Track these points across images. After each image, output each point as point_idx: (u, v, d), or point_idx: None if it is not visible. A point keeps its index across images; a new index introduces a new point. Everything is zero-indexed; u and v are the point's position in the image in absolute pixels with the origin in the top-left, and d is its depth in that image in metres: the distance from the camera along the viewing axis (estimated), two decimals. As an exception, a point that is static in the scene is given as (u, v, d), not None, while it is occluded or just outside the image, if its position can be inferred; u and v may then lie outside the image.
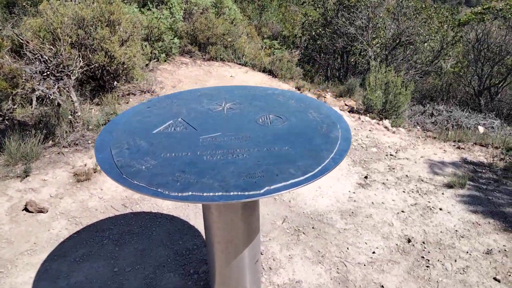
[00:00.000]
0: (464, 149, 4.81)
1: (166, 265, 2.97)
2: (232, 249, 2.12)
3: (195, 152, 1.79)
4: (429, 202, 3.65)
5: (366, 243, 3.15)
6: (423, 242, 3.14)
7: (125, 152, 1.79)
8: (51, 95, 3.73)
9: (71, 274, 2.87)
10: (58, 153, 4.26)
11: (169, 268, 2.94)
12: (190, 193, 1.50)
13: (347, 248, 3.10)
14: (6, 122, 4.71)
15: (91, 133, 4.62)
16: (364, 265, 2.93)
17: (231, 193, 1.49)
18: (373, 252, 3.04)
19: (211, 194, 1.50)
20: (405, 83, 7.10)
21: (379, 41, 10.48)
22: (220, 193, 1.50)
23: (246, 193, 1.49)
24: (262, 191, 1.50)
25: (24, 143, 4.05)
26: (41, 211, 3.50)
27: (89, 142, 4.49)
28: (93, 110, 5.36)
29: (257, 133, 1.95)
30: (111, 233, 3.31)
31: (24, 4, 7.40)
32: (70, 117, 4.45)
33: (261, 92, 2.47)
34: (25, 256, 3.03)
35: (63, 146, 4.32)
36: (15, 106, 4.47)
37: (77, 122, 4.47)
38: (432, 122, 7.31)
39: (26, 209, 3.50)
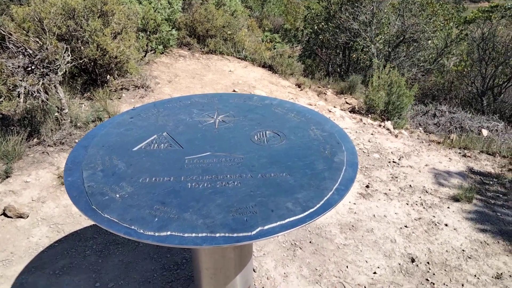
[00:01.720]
0: (470, 157, 4.59)
1: (152, 281, 2.76)
2: (222, 276, 1.91)
3: (178, 177, 1.56)
4: (434, 216, 3.44)
5: (366, 262, 2.94)
6: (428, 263, 2.93)
7: (98, 175, 1.56)
8: (34, 92, 3.48)
9: (49, 290, 2.66)
10: (43, 152, 4.02)
11: (154, 284, 2.72)
12: (168, 233, 1.28)
13: (347, 267, 2.89)
14: (-9, 116, 4.46)
15: (79, 131, 4.37)
16: (365, 287, 2.72)
17: (217, 235, 1.27)
18: (374, 273, 2.84)
19: (193, 235, 1.27)
20: (408, 84, 6.86)
21: (383, 37, 10.19)
22: (204, 234, 1.27)
23: (235, 235, 1.27)
24: (253, 232, 1.28)
25: (6, 141, 3.81)
26: (21, 216, 3.27)
27: (77, 141, 4.25)
28: (83, 105, 5.11)
29: (252, 153, 1.72)
30: (94, 243, 3.09)
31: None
32: (56, 114, 4.20)
33: (257, 103, 2.23)
34: (0, 268, 2.81)
35: (48, 145, 4.07)
36: (1, 99, 4.22)
37: (64, 119, 4.22)
38: (434, 124, 7.09)
39: (4, 214, 3.28)
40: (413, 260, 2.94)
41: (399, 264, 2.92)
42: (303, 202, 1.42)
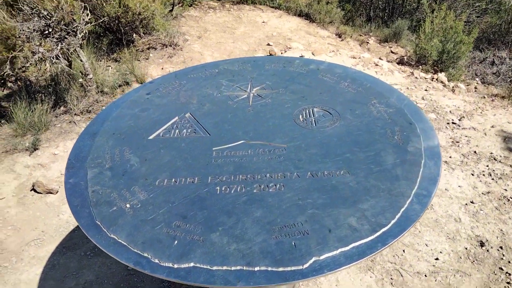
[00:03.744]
0: (546, 115, 3.93)
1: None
2: None
3: (204, 178, 1.21)
4: (505, 190, 2.95)
5: (426, 245, 2.56)
6: (501, 247, 2.51)
7: (105, 175, 1.24)
8: (53, 58, 3.19)
9: (80, 272, 2.51)
10: (70, 122, 3.81)
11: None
12: (191, 264, 0.95)
13: (403, 251, 2.53)
14: (19, 83, 4.29)
15: (106, 98, 4.11)
16: (425, 275, 2.37)
17: (256, 269, 0.93)
18: (436, 259, 2.46)
19: (223, 268, 0.94)
20: (466, 29, 6.01)
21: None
22: (238, 267, 0.94)
23: (281, 269, 0.92)
24: (306, 265, 0.93)
25: (32, 112, 3.62)
26: (50, 192, 3.13)
27: (105, 107, 4.01)
28: (110, 68, 4.81)
29: (297, 141, 1.33)
30: (126, 221, 2.90)
31: None
32: (81, 80, 3.93)
33: (300, 68, 1.79)
34: (32, 248, 2.70)
35: (75, 114, 3.86)
36: (28, 64, 3.99)
37: (89, 85, 3.96)
38: (493, 73, 6.26)
39: (34, 190, 3.14)
40: (482, 244, 2.53)
41: (466, 248, 2.52)
42: (371, 216, 1.04)
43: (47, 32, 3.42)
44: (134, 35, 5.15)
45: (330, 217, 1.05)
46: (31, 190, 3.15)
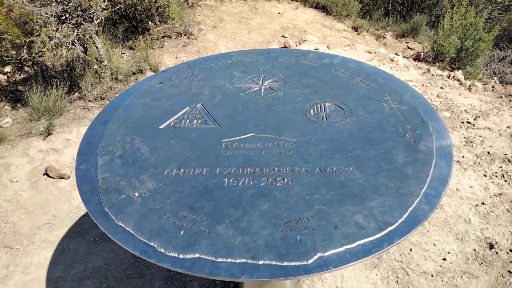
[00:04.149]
0: None
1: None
2: None
3: (213, 169, 1.21)
4: (518, 192, 2.90)
5: (434, 245, 2.54)
6: (510, 250, 2.47)
7: (116, 163, 1.25)
8: (69, 44, 3.22)
9: (89, 257, 2.56)
10: (84, 108, 3.86)
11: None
12: (196, 255, 0.96)
13: (410, 250, 2.52)
14: (35, 68, 4.34)
15: (120, 85, 4.15)
16: (432, 275, 2.35)
17: (260, 262, 0.93)
18: (444, 259, 2.44)
19: (228, 260, 0.94)
20: (487, 26, 5.86)
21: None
22: (243, 260, 0.94)
23: (285, 263, 0.93)
24: (310, 261, 0.93)
25: (47, 96, 3.67)
26: (62, 177, 3.18)
27: (118, 95, 4.04)
28: (125, 55, 4.84)
29: (307, 136, 1.33)
30: (135, 207, 2.94)
31: None
32: (95, 66, 3.96)
33: (314, 62, 1.78)
34: (43, 231, 2.75)
35: (89, 100, 3.90)
36: (45, 49, 4.04)
37: (104, 72, 3.99)
38: (512, 73, 6.12)
39: (47, 174, 3.20)
40: (491, 246, 2.50)
41: (474, 250, 2.49)
42: (378, 214, 1.03)
43: (64, 17, 3.45)
44: (150, 23, 5.16)
45: (337, 213, 1.04)
46: (44, 175, 3.21)
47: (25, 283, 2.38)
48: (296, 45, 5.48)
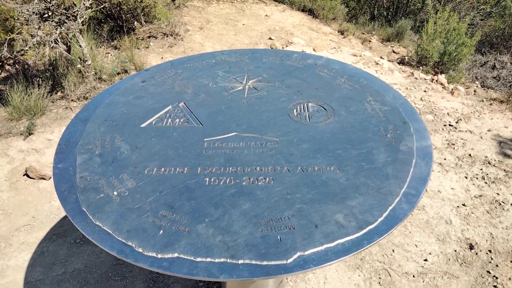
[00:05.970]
0: (543, 121, 3.93)
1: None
2: None
3: (194, 168, 1.20)
4: (497, 194, 2.96)
5: (416, 246, 2.57)
6: (489, 251, 2.52)
7: (95, 161, 1.23)
8: (51, 42, 3.16)
9: (69, 260, 2.51)
10: (66, 107, 3.79)
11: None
12: (175, 254, 0.95)
13: (393, 251, 2.54)
14: (17, 66, 4.25)
15: (104, 85, 4.09)
16: (413, 276, 2.38)
17: (240, 262, 0.92)
18: (425, 260, 2.47)
19: (207, 260, 0.93)
20: (469, 32, 5.98)
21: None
22: (222, 260, 0.93)
23: (265, 263, 0.92)
24: (290, 260, 0.92)
25: (29, 95, 3.59)
26: (43, 177, 3.11)
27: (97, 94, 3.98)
28: (109, 55, 4.78)
29: (289, 135, 1.32)
30: (118, 209, 2.89)
31: None
32: (79, 66, 3.90)
33: (298, 62, 1.78)
34: (22, 233, 2.69)
35: (72, 100, 3.84)
36: (27, 48, 3.96)
37: (87, 72, 3.93)
38: (494, 77, 6.26)
39: (27, 175, 3.13)
40: (471, 247, 2.54)
41: (455, 250, 2.53)
42: (358, 213, 1.03)
43: (46, 15, 3.39)
44: (135, 23, 5.11)
45: (317, 212, 1.04)
46: (24, 175, 3.14)
47: (2, 286, 2.32)
48: (282, 47, 5.50)
